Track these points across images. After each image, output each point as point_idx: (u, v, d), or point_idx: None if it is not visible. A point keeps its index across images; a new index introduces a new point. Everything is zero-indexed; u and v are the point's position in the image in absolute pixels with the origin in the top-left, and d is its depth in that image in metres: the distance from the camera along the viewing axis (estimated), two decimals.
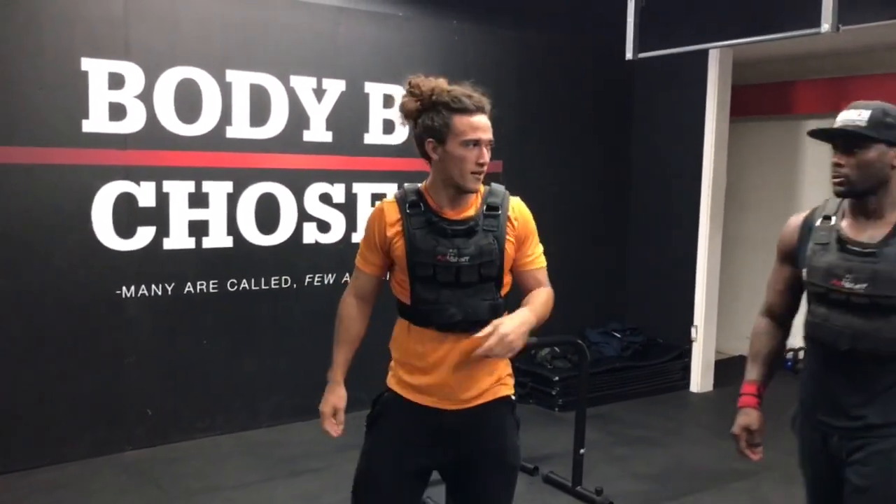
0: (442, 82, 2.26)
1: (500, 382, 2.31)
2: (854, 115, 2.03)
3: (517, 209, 2.30)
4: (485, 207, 2.26)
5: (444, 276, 2.19)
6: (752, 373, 2.34)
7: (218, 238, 4.62)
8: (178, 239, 4.49)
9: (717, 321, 6.01)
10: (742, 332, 6.75)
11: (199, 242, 4.55)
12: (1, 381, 4.06)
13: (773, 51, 5.88)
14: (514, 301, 2.33)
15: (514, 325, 2.10)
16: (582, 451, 3.91)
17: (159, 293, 4.46)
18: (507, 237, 2.26)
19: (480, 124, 2.21)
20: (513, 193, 2.38)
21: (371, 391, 2.51)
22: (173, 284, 4.50)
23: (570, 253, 6.08)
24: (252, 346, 4.82)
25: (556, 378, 5.29)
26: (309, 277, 4.95)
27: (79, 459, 4.22)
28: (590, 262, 6.22)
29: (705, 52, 5.68)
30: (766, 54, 6.11)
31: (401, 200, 2.28)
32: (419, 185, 2.33)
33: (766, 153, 6.84)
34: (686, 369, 5.92)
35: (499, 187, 2.34)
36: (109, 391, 4.37)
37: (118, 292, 4.34)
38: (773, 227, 6.64)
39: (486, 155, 2.22)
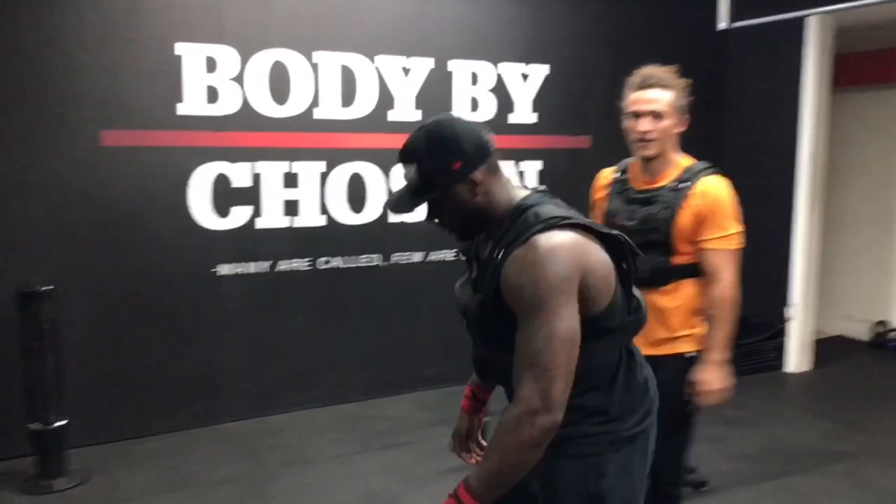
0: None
1: (675, 339, 2.57)
2: None
3: (703, 186, 2.51)
4: (675, 182, 2.53)
5: None
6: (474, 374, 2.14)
7: (310, 217, 4.71)
8: (272, 218, 4.60)
9: (817, 300, 5.80)
10: (843, 312, 6.53)
11: (291, 221, 4.66)
12: (110, 355, 4.26)
13: (877, 16, 5.59)
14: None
15: (720, 375, 2.52)
16: None
17: (254, 271, 4.59)
18: (685, 211, 2.49)
19: (641, 98, 2.55)
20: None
21: (452, 367, 2.54)
22: (268, 262, 4.63)
23: None
24: (343, 322, 4.91)
25: None
26: (396, 255, 5.01)
27: (181, 430, 4.40)
28: None
29: (803, 20, 5.45)
30: (869, 20, 5.81)
31: (617, 169, 2.72)
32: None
33: (871, 125, 6.52)
34: (780, 349, 5.74)
35: (698, 164, 2.60)
36: (209, 366, 4.53)
37: (214, 270, 4.48)
38: (876, 202, 6.40)
39: (649, 125, 2.51)
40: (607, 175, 2.82)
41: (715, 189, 2.54)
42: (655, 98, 2.55)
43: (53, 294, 3.73)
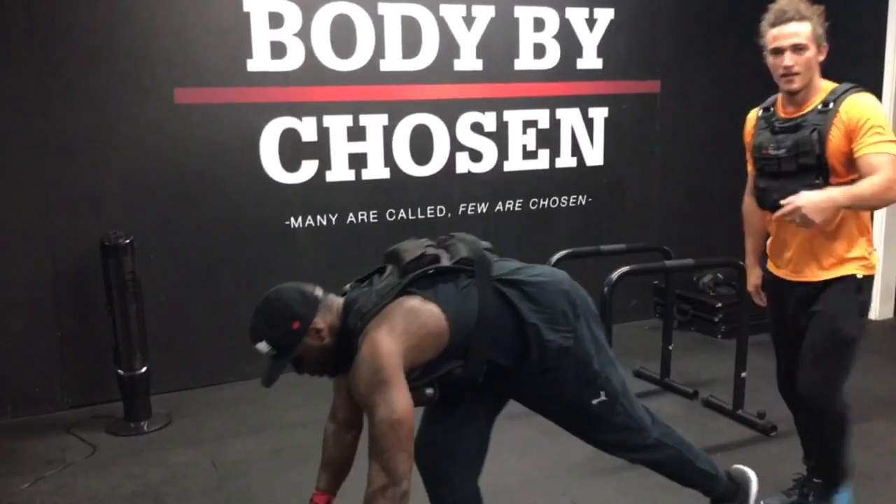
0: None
1: (841, 262, 2.60)
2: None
3: (848, 104, 2.51)
4: (820, 105, 2.56)
5: (768, 166, 2.65)
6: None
7: (376, 170, 4.77)
8: (339, 171, 4.68)
9: None
10: None
11: (358, 174, 4.73)
12: (189, 305, 4.44)
13: None
14: None
15: (812, 199, 2.34)
16: (743, 374, 3.79)
17: (324, 223, 4.69)
18: (833, 130, 2.51)
19: (781, 33, 2.54)
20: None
21: None
22: (336, 215, 4.72)
23: (737, 176, 5.79)
24: None
25: (719, 304, 5.13)
26: (462, 206, 5.03)
27: (257, 377, 4.55)
28: None
29: None
30: None
31: (762, 107, 2.79)
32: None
33: None
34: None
35: (843, 86, 2.59)
36: None
37: (286, 223, 4.60)
38: None
39: (792, 59, 2.54)
40: (753, 115, 2.86)
41: (863, 103, 2.53)
42: (794, 31, 2.53)
43: (134, 246, 3.90)
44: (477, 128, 4.99)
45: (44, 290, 4.12)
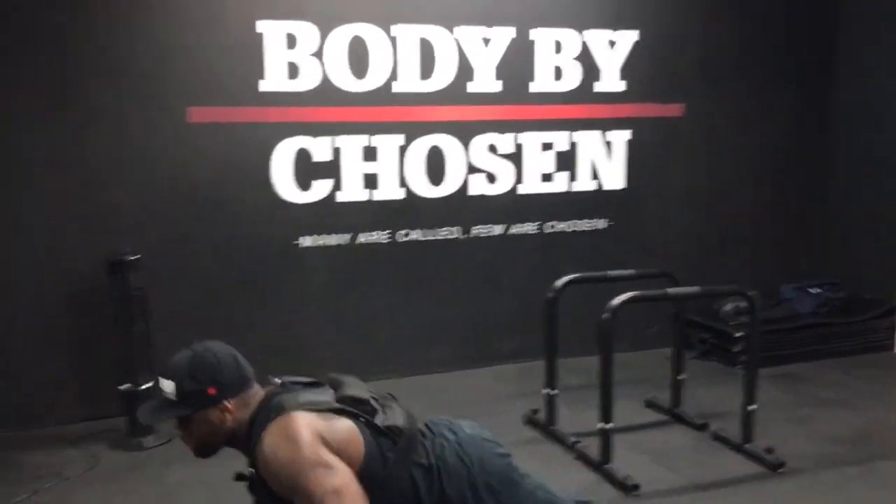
0: None
1: None
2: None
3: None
4: None
5: None
6: None
7: (389, 190, 4.77)
8: (352, 191, 4.68)
9: None
10: None
11: (371, 195, 4.73)
12: (199, 323, 4.44)
13: None
14: None
15: None
16: (751, 407, 3.66)
17: (334, 244, 4.69)
18: None
19: None
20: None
21: (531, 342, 2.50)
22: (348, 235, 4.72)
23: (763, 204, 5.68)
24: (422, 294, 4.96)
25: (738, 335, 4.98)
26: (476, 229, 4.99)
27: None
28: (786, 214, 5.77)
29: None
30: None
31: None
32: None
33: None
34: (893, 328, 5.35)
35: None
36: (292, 334, 4.68)
37: (296, 242, 4.61)
38: None
39: None
40: None
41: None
42: None
43: (141, 263, 3.95)
44: (493, 149, 4.95)
45: (54, 304, 4.19)
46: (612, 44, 5.14)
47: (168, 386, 1.98)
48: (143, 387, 3.98)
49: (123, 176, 4.24)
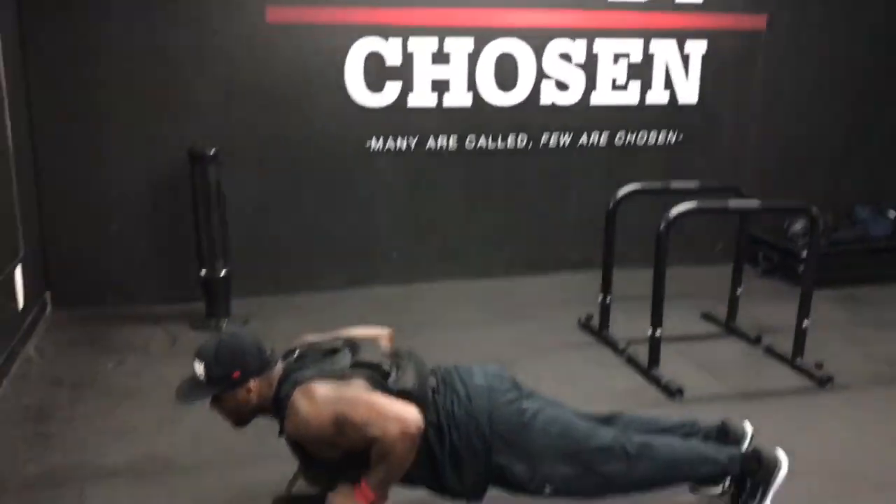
0: None
1: None
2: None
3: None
4: None
5: None
6: None
7: (458, 96, 4.82)
8: (422, 96, 4.76)
9: None
10: None
11: (440, 100, 4.79)
12: (272, 217, 4.70)
13: None
14: None
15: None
16: (805, 323, 3.68)
17: (403, 147, 4.81)
18: None
19: None
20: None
21: (594, 252, 2.54)
22: (416, 139, 4.82)
23: (845, 124, 5.50)
24: (488, 201, 5.05)
25: (805, 254, 4.92)
26: (545, 137, 5.02)
27: (332, 290, 4.81)
28: (867, 135, 5.59)
29: None
30: None
31: None
32: None
33: None
34: None
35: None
36: (361, 233, 4.87)
37: (367, 145, 4.75)
38: None
39: None
40: None
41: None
42: None
43: (219, 157, 4.15)
44: (565, 57, 4.92)
45: (142, 191, 4.47)
46: None
47: (199, 368, 2.21)
48: (220, 273, 4.26)
49: (205, 73, 4.41)
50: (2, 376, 3.53)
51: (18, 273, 3.88)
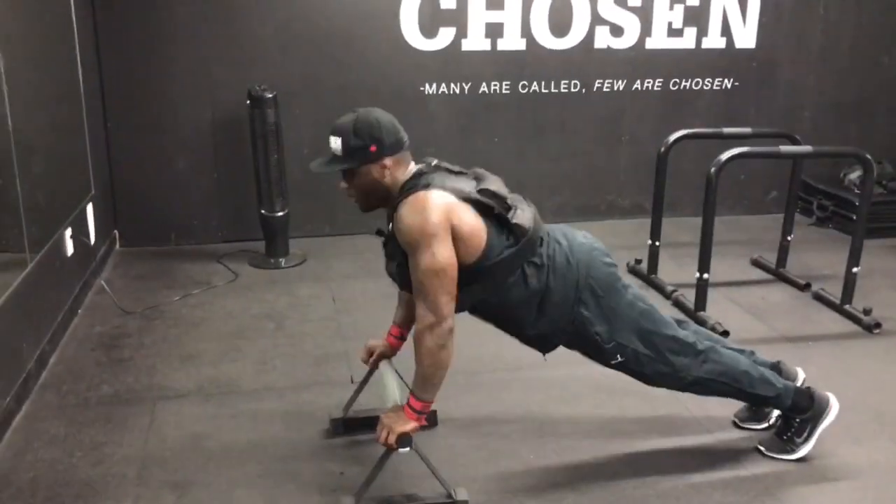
0: None
1: None
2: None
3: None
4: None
5: None
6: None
7: (512, 40, 4.84)
8: (476, 40, 4.79)
9: None
10: None
11: (494, 44, 4.82)
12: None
13: None
14: None
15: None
16: (855, 269, 3.68)
17: (457, 91, 4.86)
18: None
19: None
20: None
21: (645, 199, 2.59)
22: (470, 84, 4.87)
23: None
24: (541, 145, 5.09)
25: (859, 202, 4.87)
26: (598, 83, 5.02)
27: None
28: None
29: None
30: None
31: None
32: None
33: None
34: None
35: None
36: None
37: (422, 89, 4.81)
38: None
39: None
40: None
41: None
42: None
43: (277, 100, 4.27)
44: (620, 1, 4.89)
45: (204, 133, 4.63)
46: None
47: (335, 143, 2.21)
48: (279, 213, 4.41)
49: (264, 17, 4.51)
50: (77, 306, 3.75)
51: (90, 211, 4.08)
